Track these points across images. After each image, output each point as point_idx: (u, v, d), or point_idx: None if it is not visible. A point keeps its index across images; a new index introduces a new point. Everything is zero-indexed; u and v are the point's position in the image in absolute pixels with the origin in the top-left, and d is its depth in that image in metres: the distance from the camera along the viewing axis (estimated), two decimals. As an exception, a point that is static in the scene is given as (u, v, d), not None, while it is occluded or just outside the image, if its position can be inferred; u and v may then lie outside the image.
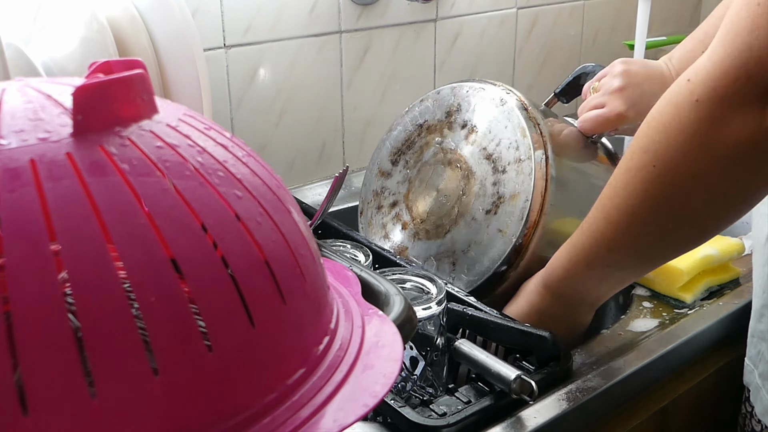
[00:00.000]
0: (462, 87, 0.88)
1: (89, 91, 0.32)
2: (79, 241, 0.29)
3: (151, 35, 0.76)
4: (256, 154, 0.39)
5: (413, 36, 1.24)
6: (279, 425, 0.32)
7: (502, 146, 0.81)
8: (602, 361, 0.72)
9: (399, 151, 0.91)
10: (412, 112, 0.91)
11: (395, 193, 0.90)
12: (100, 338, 0.28)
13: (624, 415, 0.73)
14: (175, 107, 0.37)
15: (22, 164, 0.30)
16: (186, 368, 0.30)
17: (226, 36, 1.03)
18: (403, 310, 0.46)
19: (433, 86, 1.29)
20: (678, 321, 0.81)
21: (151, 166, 0.32)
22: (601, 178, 0.88)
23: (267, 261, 0.34)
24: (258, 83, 1.08)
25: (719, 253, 0.87)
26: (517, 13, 1.37)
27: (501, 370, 0.62)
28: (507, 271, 0.78)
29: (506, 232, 0.77)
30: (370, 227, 0.92)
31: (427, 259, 0.84)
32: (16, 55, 0.73)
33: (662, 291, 0.86)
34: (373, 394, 0.34)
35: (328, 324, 0.38)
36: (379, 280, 0.50)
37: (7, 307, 0.27)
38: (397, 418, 0.61)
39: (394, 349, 0.38)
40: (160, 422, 0.29)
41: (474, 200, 0.81)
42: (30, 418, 0.27)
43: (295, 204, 0.39)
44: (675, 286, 0.84)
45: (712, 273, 0.87)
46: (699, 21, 1.73)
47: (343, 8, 1.14)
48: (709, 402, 0.84)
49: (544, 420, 0.63)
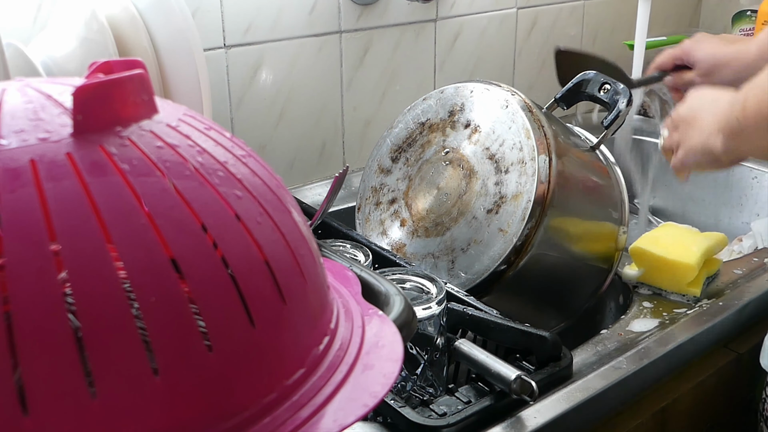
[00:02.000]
0: (466, 87, 0.88)
1: (89, 91, 0.32)
2: (79, 241, 0.29)
3: (151, 35, 0.76)
4: (256, 154, 0.38)
5: (413, 36, 1.24)
6: (279, 425, 0.32)
7: (505, 147, 0.81)
8: (602, 361, 0.72)
9: (400, 148, 0.91)
10: (414, 110, 0.91)
11: (394, 189, 0.90)
12: (100, 338, 0.28)
13: (624, 415, 0.73)
14: (175, 107, 0.37)
15: (22, 164, 0.30)
16: (186, 368, 0.30)
17: (226, 36, 1.03)
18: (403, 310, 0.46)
19: (433, 86, 1.29)
20: (678, 321, 0.81)
21: (151, 166, 0.32)
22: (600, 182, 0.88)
23: (267, 261, 0.34)
24: (258, 83, 1.08)
25: (714, 245, 0.89)
26: (517, 13, 1.37)
27: (501, 370, 0.62)
28: (506, 270, 0.78)
29: (507, 232, 0.78)
30: (367, 223, 0.92)
31: (426, 256, 0.84)
32: (16, 55, 0.73)
33: (671, 288, 0.86)
34: (373, 394, 0.34)
35: (328, 324, 0.38)
36: (379, 280, 0.50)
37: (7, 307, 0.27)
38: (397, 418, 0.61)
39: (394, 349, 0.38)
40: (160, 422, 0.29)
41: (475, 199, 0.81)
42: (30, 418, 0.27)
43: (295, 204, 0.39)
44: (684, 282, 0.85)
45: (705, 266, 0.88)
46: (699, 21, 1.73)
47: (343, 8, 1.14)
48: (709, 402, 0.84)
49: (544, 420, 0.63)
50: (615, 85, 0.89)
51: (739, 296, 0.85)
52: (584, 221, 0.86)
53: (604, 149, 0.92)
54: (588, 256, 0.88)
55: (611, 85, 0.89)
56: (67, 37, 0.77)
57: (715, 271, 0.90)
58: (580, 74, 0.92)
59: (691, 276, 0.85)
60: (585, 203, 0.86)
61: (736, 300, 0.85)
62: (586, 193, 0.86)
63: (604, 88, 0.90)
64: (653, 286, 0.87)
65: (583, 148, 0.89)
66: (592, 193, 0.87)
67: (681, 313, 0.82)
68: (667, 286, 0.86)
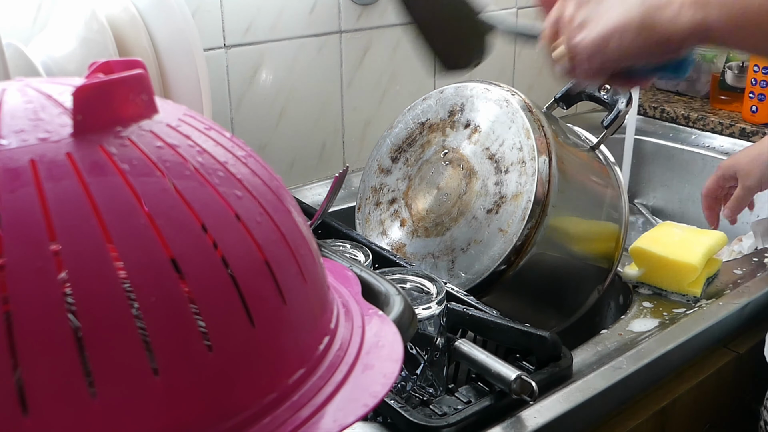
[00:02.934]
0: (466, 87, 0.88)
1: (89, 91, 0.32)
2: (79, 241, 0.29)
3: (151, 35, 0.76)
4: (256, 154, 0.38)
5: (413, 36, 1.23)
6: (279, 425, 0.32)
7: (505, 147, 0.81)
8: (602, 361, 0.72)
9: (399, 148, 0.91)
10: (414, 110, 0.91)
11: (394, 189, 0.90)
12: (100, 338, 0.28)
13: (624, 415, 0.73)
14: (175, 107, 0.37)
15: (22, 164, 0.30)
16: (186, 368, 0.30)
17: (226, 36, 1.03)
18: (403, 310, 0.46)
19: (433, 86, 1.29)
20: (678, 321, 0.81)
21: (151, 166, 0.32)
22: (600, 182, 0.88)
23: (267, 261, 0.34)
24: (258, 83, 1.08)
25: (715, 244, 0.89)
26: (517, 13, 1.37)
27: (501, 370, 0.62)
28: (506, 270, 0.78)
29: (507, 232, 0.78)
30: (367, 223, 0.92)
31: (426, 256, 0.84)
32: (16, 55, 0.73)
33: (672, 288, 0.86)
34: (373, 394, 0.34)
35: (328, 324, 0.38)
36: (379, 280, 0.50)
37: (7, 307, 0.27)
38: (397, 418, 0.61)
39: (394, 349, 0.38)
40: (160, 422, 0.29)
41: (475, 199, 0.81)
42: (30, 418, 0.27)
43: (295, 204, 0.39)
44: (686, 282, 0.85)
45: (706, 266, 0.88)
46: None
47: (343, 8, 1.13)
48: (709, 402, 0.84)
49: (544, 420, 0.63)
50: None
51: (739, 296, 0.85)
52: (584, 221, 0.86)
53: (604, 149, 0.92)
54: (588, 256, 0.88)
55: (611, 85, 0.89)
56: (67, 37, 0.77)
57: (716, 271, 0.90)
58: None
59: (693, 276, 0.84)
60: (585, 203, 0.86)
61: (736, 300, 0.85)
62: (586, 193, 0.86)
63: (604, 88, 0.90)
64: (654, 286, 0.87)
65: (583, 148, 0.89)
66: (592, 193, 0.87)
67: (681, 313, 0.82)
68: (667, 286, 0.86)
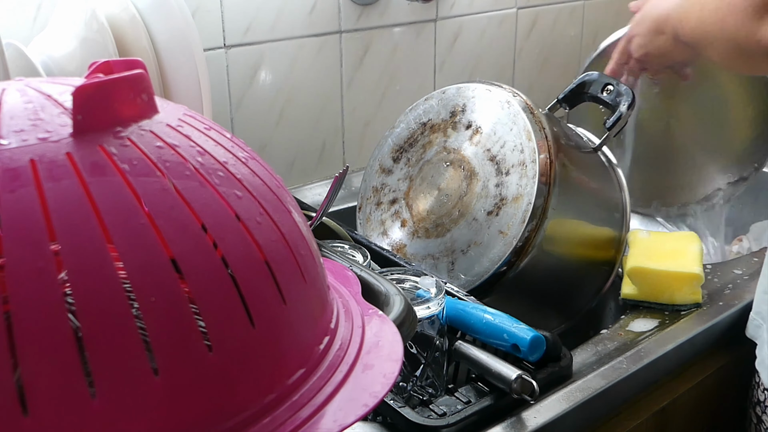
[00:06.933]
0: (468, 88, 0.88)
1: (89, 91, 0.32)
2: (79, 241, 0.29)
3: (151, 35, 0.76)
4: (256, 154, 0.39)
5: (413, 36, 1.23)
6: (279, 425, 0.32)
7: (506, 148, 0.81)
8: (602, 361, 0.72)
9: (401, 148, 0.91)
10: (416, 111, 0.91)
11: (395, 190, 0.90)
12: (100, 338, 0.28)
13: (624, 415, 0.73)
14: (175, 107, 0.37)
15: (22, 164, 0.30)
16: (186, 368, 0.30)
17: (226, 36, 1.03)
18: (403, 310, 0.46)
19: (433, 86, 1.29)
20: (678, 321, 0.81)
21: (151, 166, 0.32)
22: (601, 184, 0.88)
23: (267, 261, 0.34)
24: (258, 83, 1.08)
25: (697, 246, 0.86)
26: (517, 13, 1.37)
27: (502, 370, 0.62)
28: (506, 272, 0.78)
29: (507, 234, 0.77)
30: (368, 223, 0.92)
31: (426, 257, 0.84)
32: (16, 55, 0.73)
33: (680, 302, 0.82)
34: (373, 394, 0.34)
35: (328, 324, 0.38)
36: (379, 280, 0.50)
37: (7, 307, 0.27)
38: (397, 418, 0.61)
39: (394, 349, 0.38)
40: (160, 422, 0.29)
41: (476, 201, 0.81)
42: (30, 418, 0.27)
43: (295, 204, 0.39)
44: (691, 291, 0.82)
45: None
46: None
47: (343, 8, 1.13)
48: (709, 402, 0.84)
49: (544, 420, 0.63)
50: (618, 86, 0.89)
51: (739, 296, 0.85)
52: (585, 223, 0.86)
53: (606, 151, 0.92)
54: (589, 258, 0.88)
55: (614, 86, 0.89)
56: (67, 37, 0.77)
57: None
58: (583, 74, 0.92)
59: (700, 283, 0.82)
60: (586, 205, 0.86)
61: (736, 300, 0.85)
62: (588, 195, 0.86)
63: (607, 89, 0.90)
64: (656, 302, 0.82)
65: (585, 150, 0.89)
66: (594, 195, 0.87)
67: (681, 314, 0.82)
68: (669, 300, 0.82)
